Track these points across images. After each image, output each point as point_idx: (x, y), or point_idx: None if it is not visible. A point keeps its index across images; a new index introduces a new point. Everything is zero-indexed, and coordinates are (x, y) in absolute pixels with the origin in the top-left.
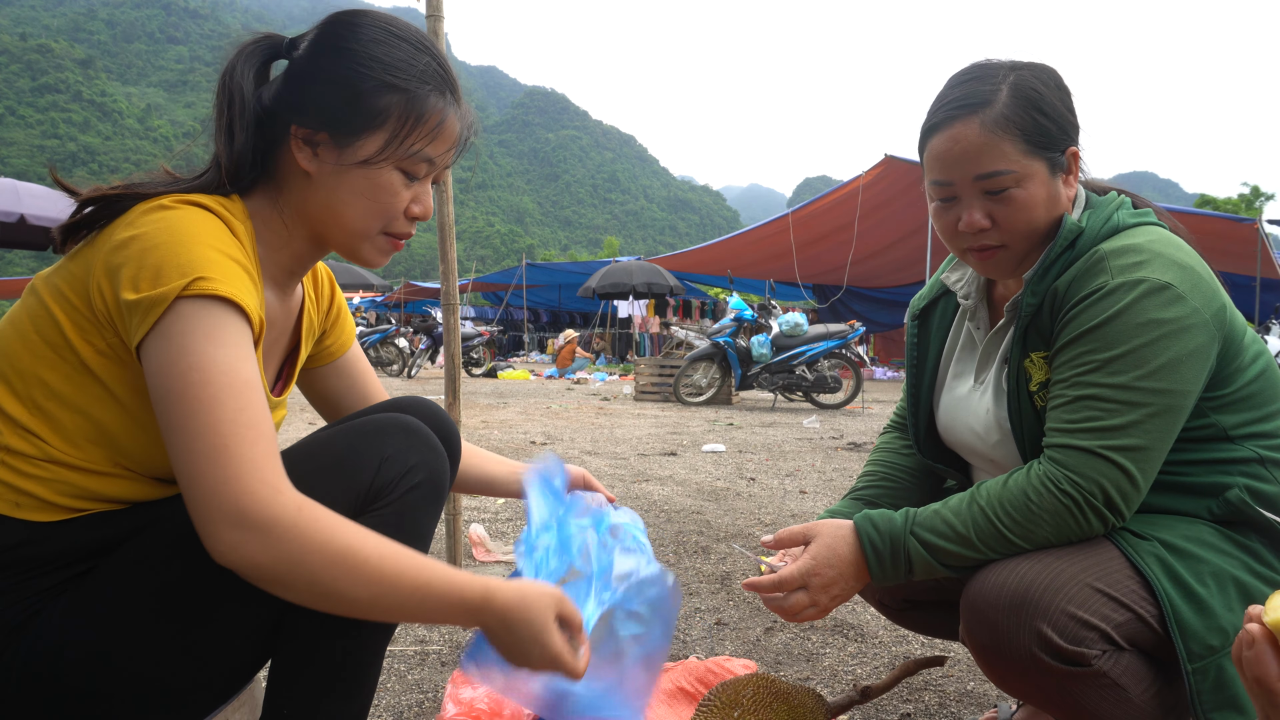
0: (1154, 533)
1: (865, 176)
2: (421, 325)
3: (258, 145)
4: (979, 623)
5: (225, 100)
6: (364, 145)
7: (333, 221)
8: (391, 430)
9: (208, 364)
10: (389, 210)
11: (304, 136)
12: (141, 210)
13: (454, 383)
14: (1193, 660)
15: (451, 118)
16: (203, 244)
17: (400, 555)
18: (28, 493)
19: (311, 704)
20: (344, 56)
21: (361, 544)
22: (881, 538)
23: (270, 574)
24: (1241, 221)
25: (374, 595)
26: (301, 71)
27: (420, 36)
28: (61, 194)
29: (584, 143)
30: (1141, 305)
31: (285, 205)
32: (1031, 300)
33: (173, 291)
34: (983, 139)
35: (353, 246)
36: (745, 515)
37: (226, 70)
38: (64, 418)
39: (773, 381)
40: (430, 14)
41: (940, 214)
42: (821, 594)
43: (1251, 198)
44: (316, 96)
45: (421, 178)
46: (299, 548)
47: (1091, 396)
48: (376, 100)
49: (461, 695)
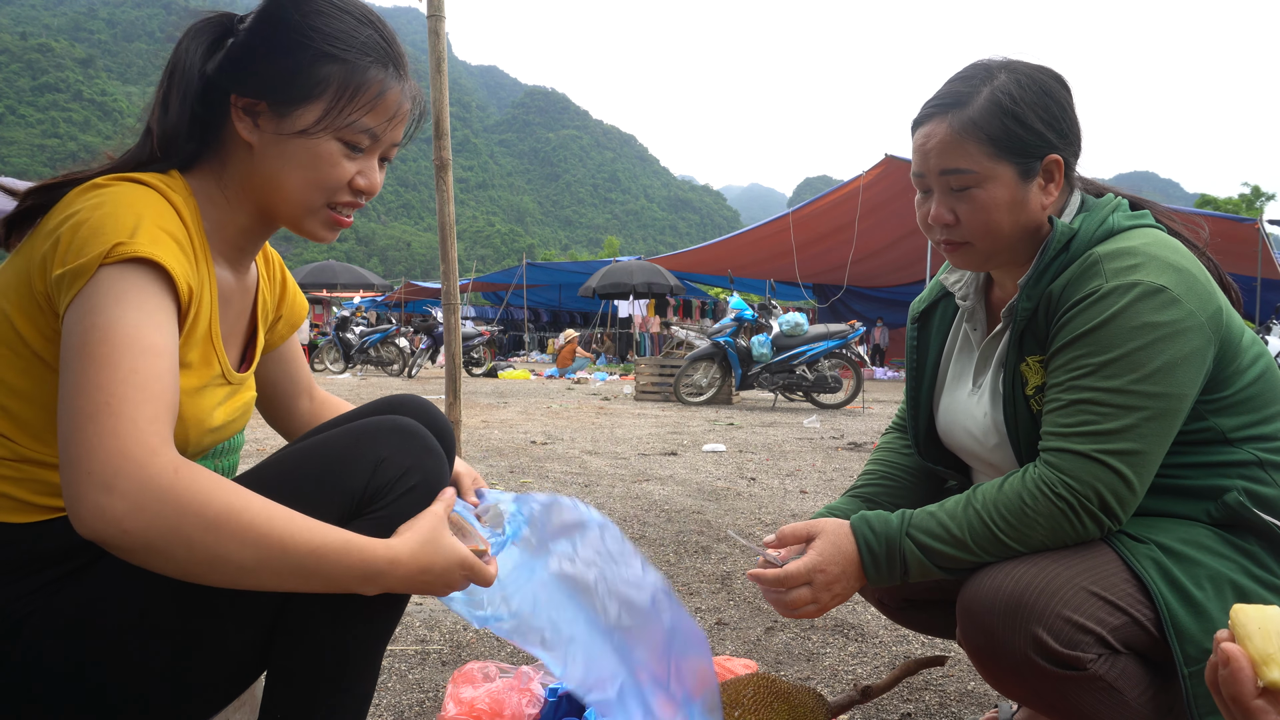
0: (1151, 535)
1: (865, 176)
2: (422, 325)
3: (201, 118)
4: (974, 626)
5: (168, 73)
6: (303, 115)
7: (275, 193)
8: (387, 433)
9: (110, 324)
10: (329, 181)
11: (244, 106)
12: (77, 192)
13: (454, 382)
14: (1189, 664)
15: (394, 90)
16: (128, 213)
17: (291, 517)
18: (5, 494)
19: (309, 703)
20: (284, 27)
21: (245, 505)
22: (877, 539)
23: (142, 541)
24: (1242, 221)
25: (261, 559)
26: (243, 42)
27: (365, 11)
28: None
29: (584, 142)
30: (1136, 308)
31: (229, 179)
32: (1026, 305)
33: (95, 260)
34: (949, 138)
35: (297, 219)
36: (746, 515)
37: (176, 46)
38: (27, 414)
39: (773, 381)
40: (431, 14)
41: (919, 205)
42: (824, 591)
43: (1252, 198)
44: (256, 66)
45: (366, 150)
46: (173, 510)
47: (1087, 400)
48: (315, 70)
49: (462, 695)
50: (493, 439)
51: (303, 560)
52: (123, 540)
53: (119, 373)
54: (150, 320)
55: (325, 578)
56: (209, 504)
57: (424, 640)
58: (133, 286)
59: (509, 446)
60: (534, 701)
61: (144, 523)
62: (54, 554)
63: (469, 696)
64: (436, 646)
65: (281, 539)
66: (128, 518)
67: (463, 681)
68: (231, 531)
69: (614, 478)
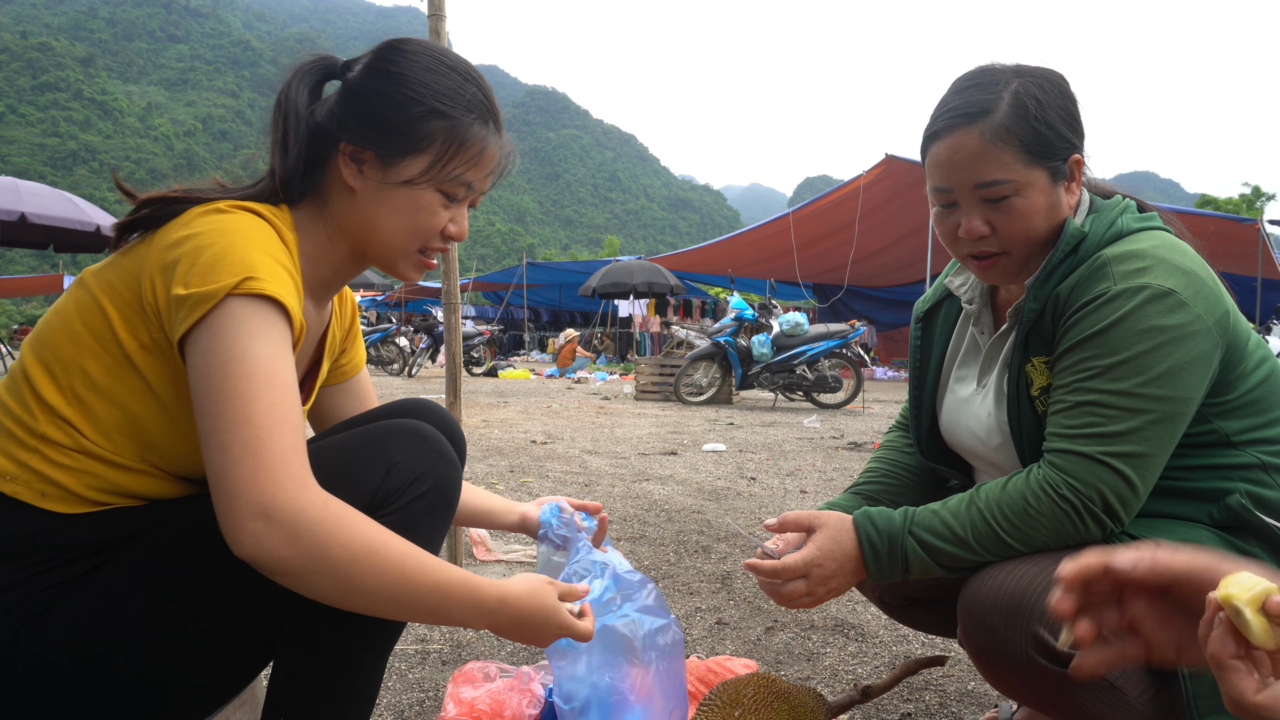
0: (1152, 537)
1: (866, 176)
2: (422, 324)
3: (307, 159)
4: (976, 626)
5: (280, 115)
6: (408, 166)
7: (373, 236)
8: (402, 436)
9: (250, 357)
10: (427, 229)
11: (351, 153)
12: (197, 212)
13: (455, 382)
14: None
15: (492, 146)
16: (254, 247)
17: (421, 555)
18: (56, 483)
19: (313, 704)
20: (396, 80)
21: (384, 542)
22: (880, 536)
23: (294, 567)
24: (1243, 222)
25: (394, 593)
26: (354, 91)
27: (468, 67)
28: (62, 194)
29: (585, 142)
30: (1144, 312)
31: (329, 218)
32: (1034, 306)
33: (223, 289)
34: (982, 148)
35: (390, 260)
36: (746, 515)
37: (283, 88)
38: (100, 409)
39: (773, 381)
40: (431, 13)
41: (941, 219)
42: (820, 585)
43: (1253, 198)
44: (367, 116)
45: (459, 200)
46: (323, 542)
47: (1093, 403)
48: (424, 124)
49: (462, 695)
50: (493, 438)
51: (427, 595)
52: (277, 565)
53: (261, 405)
54: (281, 355)
55: (445, 613)
56: (354, 539)
57: (424, 640)
58: (263, 321)
59: (509, 446)
60: (534, 702)
61: (297, 551)
62: (84, 547)
63: (469, 696)
64: (437, 646)
65: (413, 575)
66: (283, 546)
67: (463, 681)
68: (371, 565)
69: (614, 477)
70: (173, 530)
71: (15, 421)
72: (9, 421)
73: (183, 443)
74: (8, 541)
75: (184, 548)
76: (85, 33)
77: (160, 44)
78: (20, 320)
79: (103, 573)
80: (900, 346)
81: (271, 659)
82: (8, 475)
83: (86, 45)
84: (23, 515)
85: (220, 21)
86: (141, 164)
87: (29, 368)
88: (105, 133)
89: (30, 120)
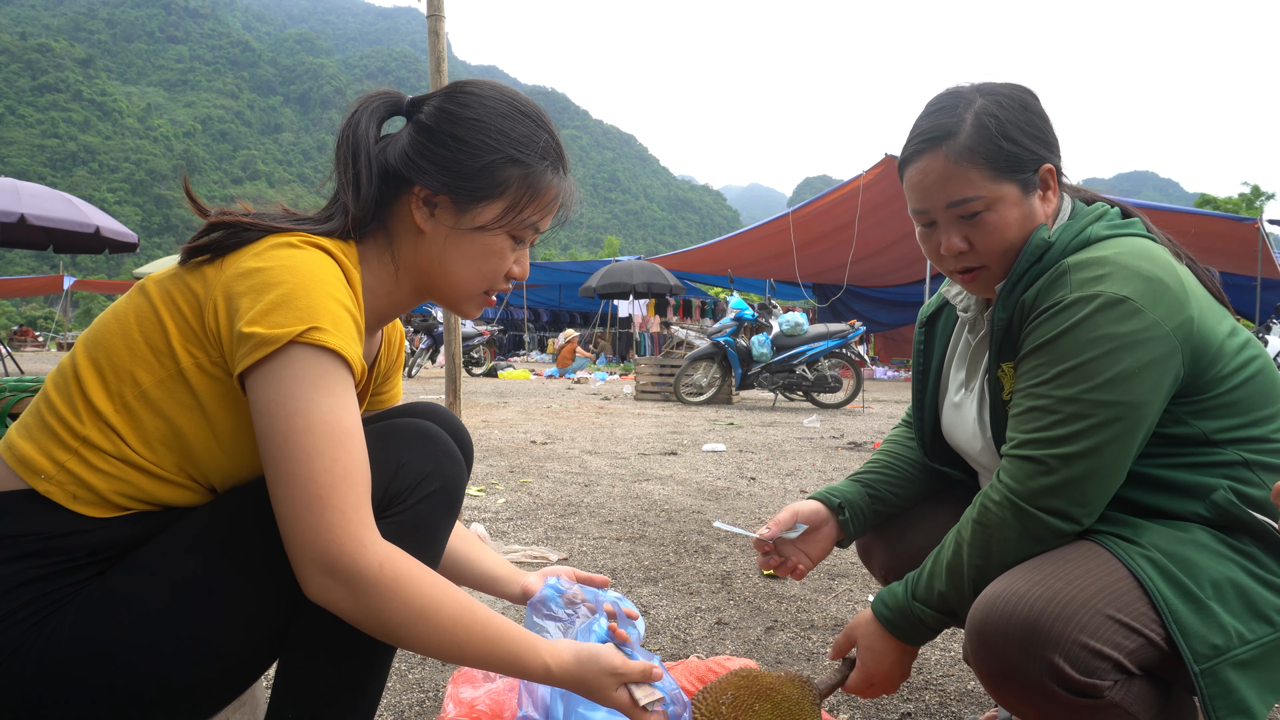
0: (1149, 538)
1: (865, 176)
2: (422, 324)
3: (378, 197)
4: (988, 651)
5: (350, 151)
6: (482, 212)
7: (442, 278)
8: (410, 436)
9: (311, 412)
10: (495, 272)
11: (425, 197)
12: (270, 244)
13: (455, 382)
14: (1199, 660)
15: (565, 192)
16: (322, 292)
17: (472, 618)
18: (90, 486)
19: (316, 705)
20: (471, 126)
21: (438, 606)
22: (892, 613)
23: (356, 619)
24: (1242, 221)
25: (441, 649)
26: (429, 135)
27: (539, 111)
28: (61, 195)
29: (584, 142)
30: (1095, 320)
31: (395, 257)
32: (1002, 314)
33: (287, 335)
34: (949, 170)
35: (457, 301)
36: (746, 515)
37: (350, 122)
38: (147, 420)
39: (773, 381)
40: (431, 14)
41: (924, 239)
42: (887, 683)
43: (1252, 197)
44: (443, 162)
45: (525, 242)
46: (379, 603)
47: (1040, 408)
48: (500, 172)
49: (462, 695)
50: (493, 439)
51: (475, 658)
52: (342, 614)
53: (323, 463)
54: (343, 405)
55: (498, 667)
56: (408, 603)
57: None
58: (326, 373)
59: (509, 446)
60: (535, 703)
61: (356, 606)
62: (102, 548)
63: (469, 697)
64: None
65: (463, 643)
66: (344, 600)
67: (463, 681)
68: (424, 628)
69: (614, 477)
70: (182, 533)
71: (60, 421)
72: (53, 420)
73: (222, 457)
74: (33, 539)
75: (190, 550)
76: (84, 34)
77: (160, 45)
78: (20, 321)
79: (109, 575)
80: (900, 346)
81: (278, 658)
82: (43, 474)
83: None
84: (52, 516)
85: (220, 22)
86: (141, 165)
87: (81, 368)
88: (105, 134)
89: (30, 121)
